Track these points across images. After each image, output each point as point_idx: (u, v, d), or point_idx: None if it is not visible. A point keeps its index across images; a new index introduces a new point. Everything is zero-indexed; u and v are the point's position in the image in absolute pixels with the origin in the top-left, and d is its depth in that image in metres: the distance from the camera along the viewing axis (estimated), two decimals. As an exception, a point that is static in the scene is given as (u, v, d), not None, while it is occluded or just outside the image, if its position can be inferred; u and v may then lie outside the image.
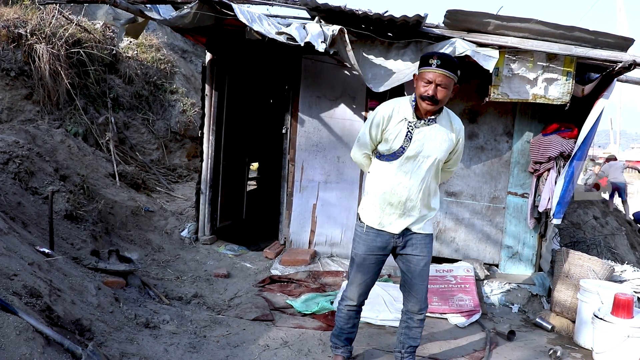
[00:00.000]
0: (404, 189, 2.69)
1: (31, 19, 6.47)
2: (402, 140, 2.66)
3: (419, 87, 2.60)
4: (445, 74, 2.53)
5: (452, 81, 2.58)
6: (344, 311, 2.97)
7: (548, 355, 3.52)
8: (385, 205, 2.74)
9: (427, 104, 2.57)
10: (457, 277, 4.49)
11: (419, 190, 2.70)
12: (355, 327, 3.04)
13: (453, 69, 2.57)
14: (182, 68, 9.82)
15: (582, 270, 4.03)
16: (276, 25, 4.09)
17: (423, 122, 2.65)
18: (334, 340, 3.07)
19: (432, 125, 2.66)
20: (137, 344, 2.91)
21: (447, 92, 2.58)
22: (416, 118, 2.66)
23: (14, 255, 2.87)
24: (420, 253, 2.79)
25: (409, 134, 2.65)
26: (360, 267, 2.86)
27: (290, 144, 5.37)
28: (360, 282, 2.88)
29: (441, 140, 2.68)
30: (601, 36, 3.99)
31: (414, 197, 2.70)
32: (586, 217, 6.85)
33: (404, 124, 2.66)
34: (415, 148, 2.65)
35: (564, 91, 4.15)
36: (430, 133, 2.66)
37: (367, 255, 2.82)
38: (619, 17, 22.74)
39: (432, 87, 2.54)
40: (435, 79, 2.53)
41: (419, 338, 2.92)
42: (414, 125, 2.66)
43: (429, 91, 2.54)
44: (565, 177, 4.24)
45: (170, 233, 5.53)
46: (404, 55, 4.26)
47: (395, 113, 2.69)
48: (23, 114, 6.19)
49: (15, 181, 4.27)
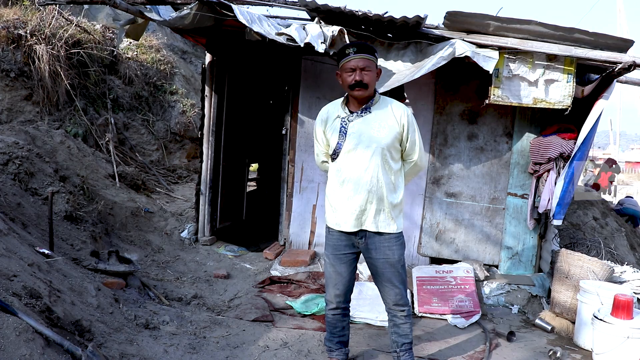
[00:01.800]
0: (351, 185, 2.68)
1: (31, 20, 6.47)
2: (337, 136, 2.70)
3: (345, 80, 2.65)
4: (365, 57, 2.61)
5: (373, 64, 2.65)
6: (329, 315, 2.97)
7: (548, 356, 3.52)
8: (337, 203, 2.74)
9: (358, 90, 2.62)
10: (456, 278, 4.49)
11: (368, 184, 2.65)
12: (345, 329, 3.02)
13: (370, 52, 2.65)
14: (182, 69, 9.83)
15: (582, 271, 4.03)
16: (276, 26, 4.10)
17: (356, 114, 2.69)
18: (327, 345, 3.08)
19: (365, 115, 2.68)
20: (137, 344, 2.90)
21: (373, 75, 2.64)
22: (349, 112, 2.70)
23: (13, 256, 2.87)
24: (384, 256, 2.72)
25: (343, 129, 2.69)
26: (332, 268, 2.86)
27: (290, 145, 5.38)
28: (334, 284, 2.86)
29: (378, 127, 2.66)
30: (601, 37, 4.00)
31: (362, 191, 2.66)
32: (586, 218, 6.84)
33: (338, 121, 2.72)
34: (352, 141, 2.67)
35: (565, 94, 4.15)
36: (364, 123, 2.67)
37: (334, 256, 2.83)
38: (619, 19, 22.75)
39: (358, 72, 2.60)
40: (358, 65, 2.59)
41: (409, 334, 2.86)
42: (347, 119, 2.69)
43: (356, 77, 2.60)
44: (565, 178, 4.24)
45: (170, 234, 5.53)
46: (404, 56, 4.27)
47: (330, 114, 2.77)
48: (23, 115, 6.19)
49: (15, 182, 4.27)
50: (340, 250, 2.80)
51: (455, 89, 4.88)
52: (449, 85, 4.89)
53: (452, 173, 4.97)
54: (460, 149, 4.92)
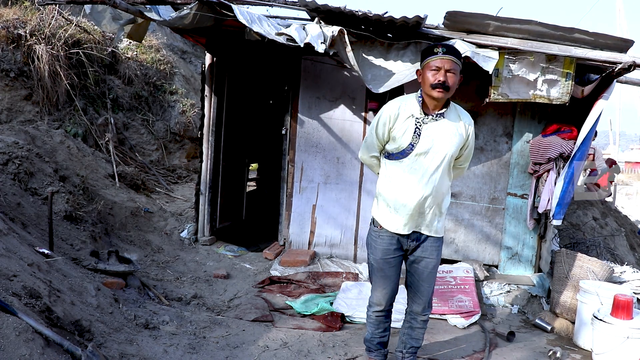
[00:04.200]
0: (416, 188, 2.62)
1: (31, 20, 6.47)
2: (410, 137, 2.59)
3: (427, 78, 2.54)
4: (452, 60, 2.51)
5: (459, 68, 2.55)
6: (372, 317, 2.94)
7: (547, 356, 3.52)
8: (398, 206, 2.67)
9: (439, 91, 2.51)
10: (456, 278, 4.49)
11: (431, 189, 2.62)
12: (386, 331, 2.99)
13: (458, 56, 2.55)
14: (182, 69, 9.82)
15: (582, 271, 4.03)
16: (276, 26, 4.09)
17: (431, 117, 2.60)
18: (367, 345, 3.05)
19: (440, 120, 2.60)
20: (137, 344, 2.90)
21: (456, 79, 2.55)
22: (424, 114, 2.60)
23: (13, 256, 2.87)
24: (430, 256, 2.75)
25: (418, 130, 2.58)
26: (380, 273, 2.80)
27: (289, 145, 5.37)
28: (383, 287, 2.82)
29: (451, 135, 2.61)
30: (601, 37, 4.00)
31: (426, 195, 2.63)
32: (585, 218, 6.85)
33: (411, 120, 2.60)
34: (425, 144, 2.58)
35: (563, 91, 4.16)
36: (439, 128, 2.60)
37: (384, 260, 2.76)
38: (618, 19, 22.77)
39: (442, 73, 2.50)
40: (444, 65, 2.50)
41: (421, 339, 2.91)
42: (421, 121, 2.59)
43: (439, 77, 2.49)
44: (565, 178, 4.24)
45: (169, 234, 5.53)
46: (404, 56, 4.27)
47: (402, 110, 2.63)
48: (22, 115, 6.19)
49: (14, 182, 4.27)
50: (389, 255, 2.75)
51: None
52: (449, 85, 4.88)
53: (452, 173, 4.96)
54: (460, 149, 4.91)
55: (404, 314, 2.99)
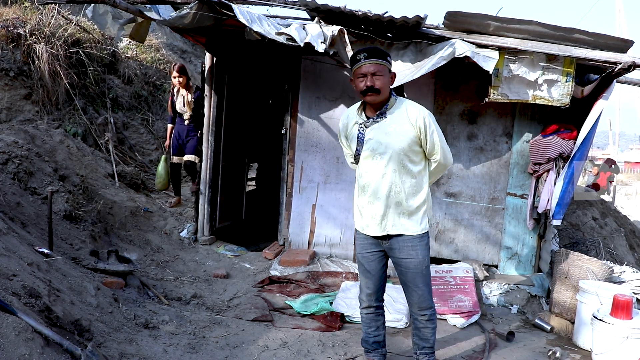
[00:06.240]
0: (371, 190, 2.72)
1: (30, 19, 6.46)
2: (356, 143, 2.75)
3: (357, 86, 2.66)
4: (375, 62, 2.60)
5: (385, 68, 2.63)
6: (363, 315, 3.01)
7: (547, 356, 3.52)
8: (361, 207, 2.81)
9: (370, 95, 2.62)
10: (456, 278, 4.49)
11: (387, 189, 2.67)
12: (379, 329, 3.01)
13: (382, 56, 2.63)
14: (182, 68, 9.80)
15: (581, 271, 4.03)
16: (276, 26, 4.09)
17: (372, 120, 2.69)
18: (364, 345, 3.08)
19: (381, 120, 2.68)
20: (136, 344, 2.90)
21: (385, 79, 2.62)
22: (366, 118, 2.72)
23: (13, 255, 2.87)
24: (408, 256, 2.72)
25: (361, 135, 2.72)
26: (360, 267, 2.92)
27: (289, 145, 5.37)
28: (365, 283, 2.91)
29: (394, 132, 2.64)
30: (601, 38, 4.00)
31: (381, 198, 2.69)
32: (585, 218, 6.85)
33: (356, 127, 2.75)
34: (368, 147, 2.69)
35: (563, 92, 4.16)
36: (381, 129, 2.67)
37: (361, 255, 2.89)
38: (618, 19, 22.78)
39: (369, 78, 2.60)
40: (369, 70, 2.59)
41: (430, 339, 2.86)
42: (364, 125, 2.71)
43: (367, 83, 2.60)
44: (565, 178, 4.24)
45: (169, 233, 5.53)
46: (404, 56, 4.27)
47: (349, 120, 2.80)
48: (22, 114, 6.18)
49: (14, 181, 4.26)
50: (366, 249, 2.85)
51: (455, 89, 4.89)
52: (449, 85, 4.89)
53: (451, 173, 4.97)
54: (460, 149, 4.92)
55: (404, 314, 2.99)
